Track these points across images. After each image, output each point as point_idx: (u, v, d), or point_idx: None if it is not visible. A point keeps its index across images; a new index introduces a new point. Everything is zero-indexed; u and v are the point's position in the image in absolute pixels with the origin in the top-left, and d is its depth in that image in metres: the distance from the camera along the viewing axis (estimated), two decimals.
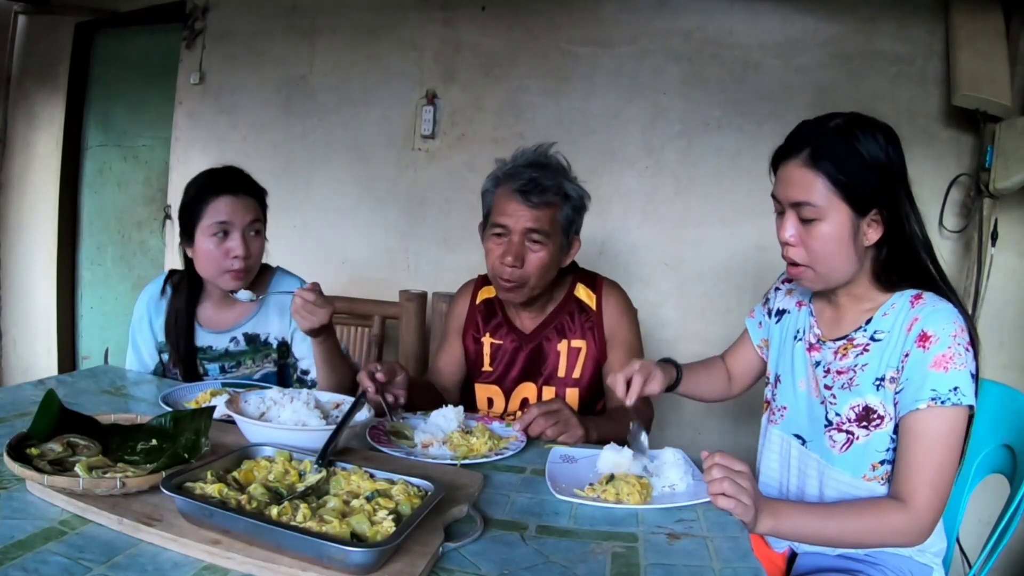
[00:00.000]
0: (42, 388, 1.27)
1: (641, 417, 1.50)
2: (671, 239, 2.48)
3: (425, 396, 1.46)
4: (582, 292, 1.57)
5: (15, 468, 0.83)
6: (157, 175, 3.22)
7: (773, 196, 1.13)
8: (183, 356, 1.58)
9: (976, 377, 1.02)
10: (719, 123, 2.40)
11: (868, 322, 1.11)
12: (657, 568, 0.80)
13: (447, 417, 1.26)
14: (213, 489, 0.81)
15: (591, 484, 1.04)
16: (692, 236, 2.45)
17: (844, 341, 1.13)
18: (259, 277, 1.63)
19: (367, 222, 2.80)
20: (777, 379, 1.27)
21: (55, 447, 0.90)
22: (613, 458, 1.10)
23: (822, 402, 1.15)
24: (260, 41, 2.90)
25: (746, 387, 1.44)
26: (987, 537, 1.13)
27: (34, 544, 0.74)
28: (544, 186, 1.41)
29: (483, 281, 1.65)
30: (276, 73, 2.88)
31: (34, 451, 0.89)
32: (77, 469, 0.85)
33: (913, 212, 1.07)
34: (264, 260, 1.65)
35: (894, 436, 1.07)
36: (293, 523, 0.76)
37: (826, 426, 1.13)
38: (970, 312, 2.03)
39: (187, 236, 1.54)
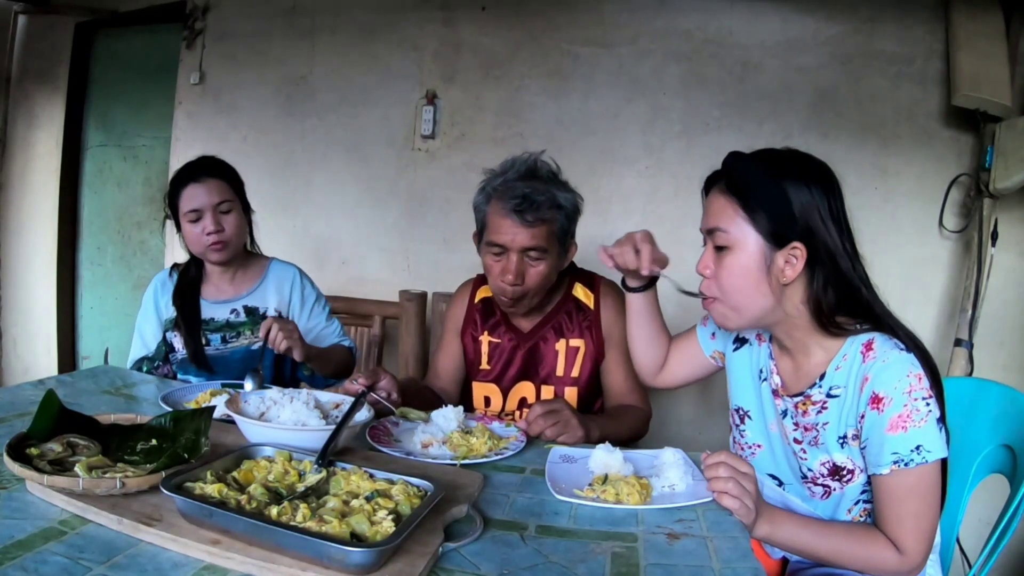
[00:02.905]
0: (42, 388, 1.27)
1: (633, 415, 1.50)
2: (671, 239, 2.46)
3: (418, 400, 1.45)
4: (580, 292, 1.58)
5: (15, 468, 0.83)
6: (157, 175, 3.22)
7: (700, 230, 1.10)
8: (187, 322, 1.68)
9: (943, 419, 0.98)
10: (719, 123, 2.40)
11: (822, 377, 1.06)
12: (657, 568, 0.80)
13: (447, 417, 1.26)
14: (213, 489, 0.81)
15: (590, 484, 1.04)
16: (692, 236, 2.43)
17: (802, 397, 1.09)
18: (257, 261, 1.80)
19: (367, 222, 2.79)
20: (745, 414, 1.22)
21: (55, 447, 0.90)
22: (604, 459, 1.09)
23: (794, 453, 1.13)
24: (260, 41, 2.90)
25: (670, 384, 1.38)
26: (987, 537, 1.13)
27: (34, 544, 0.74)
28: (537, 202, 1.40)
29: (481, 280, 1.65)
30: (276, 73, 2.88)
31: (34, 451, 0.89)
32: (77, 469, 0.85)
33: (846, 250, 1.01)
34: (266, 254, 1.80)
35: (868, 479, 1.05)
36: (293, 523, 0.76)
37: (803, 478, 1.12)
38: (970, 312, 2.04)
39: (176, 225, 1.71)
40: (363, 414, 1.12)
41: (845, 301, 1.03)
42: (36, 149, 3.38)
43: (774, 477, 1.17)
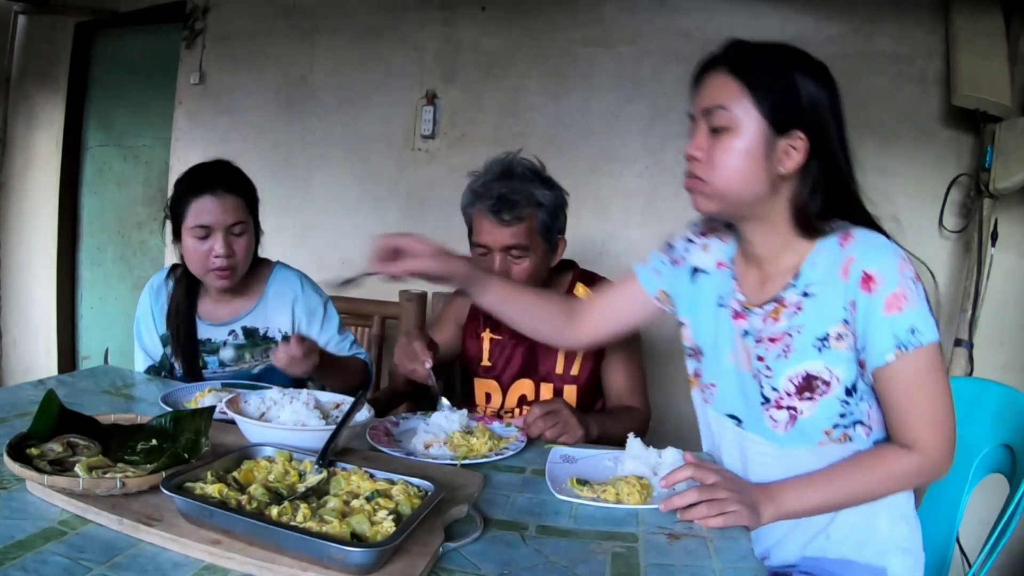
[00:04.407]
0: (42, 388, 1.27)
1: (632, 416, 1.49)
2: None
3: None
4: (581, 291, 1.59)
5: (15, 468, 0.83)
6: (157, 175, 3.22)
7: (688, 115, 1.03)
8: (183, 346, 1.58)
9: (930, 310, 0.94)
10: None
11: (796, 277, 1.01)
12: (657, 568, 0.80)
13: (448, 418, 1.27)
14: (213, 489, 0.81)
15: (589, 484, 1.03)
16: None
17: (774, 304, 1.02)
18: (258, 272, 1.65)
19: (367, 222, 2.79)
20: (699, 351, 1.16)
21: (55, 447, 0.90)
22: (637, 456, 1.10)
23: (755, 376, 1.04)
24: (260, 41, 2.90)
25: (599, 338, 1.29)
26: (987, 537, 1.13)
27: (34, 544, 0.74)
28: (514, 201, 1.42)
29: None
30: (276, 73, 2.88)
31: (34, 451, 0.88)
32: (77, 469, 0.85)
33: (845, 148, 0.99)
34: (264, 257, 1.68)
35: (846, 399, 0.99)
36: (293, 523, 0.76)
37: (763, 403, 1.03)
38: (970, 312, 2.03)
39: (175, 233, 1.54)
40: (363, 414, 1.12)
41: (833, 208, 1.01)
42: (36, 149, 3.37)
43: (733, 417, 1.10)
